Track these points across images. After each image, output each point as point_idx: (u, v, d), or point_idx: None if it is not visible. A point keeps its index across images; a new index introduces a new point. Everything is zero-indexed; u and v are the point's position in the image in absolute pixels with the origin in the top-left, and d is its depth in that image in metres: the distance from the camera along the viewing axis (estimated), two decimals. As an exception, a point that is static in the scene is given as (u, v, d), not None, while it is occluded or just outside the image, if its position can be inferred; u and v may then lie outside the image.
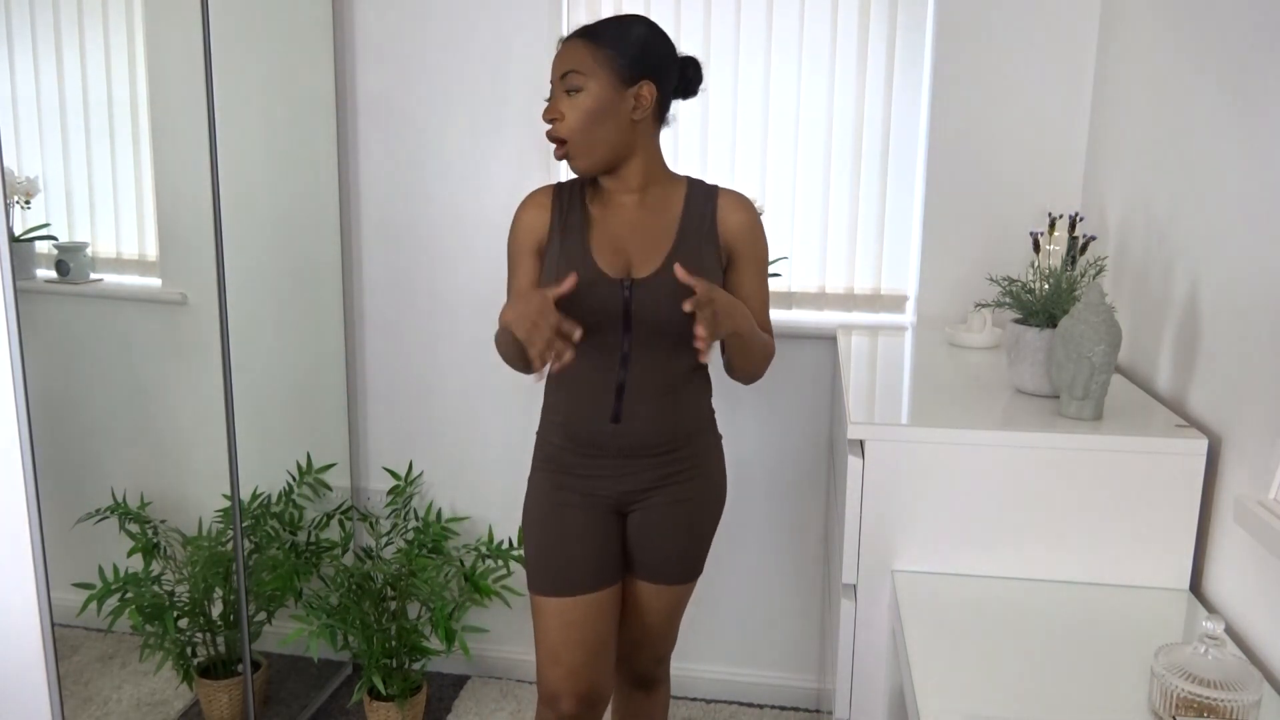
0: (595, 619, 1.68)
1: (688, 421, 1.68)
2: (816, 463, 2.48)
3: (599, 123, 1.54)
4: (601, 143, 1.55)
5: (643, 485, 1.67)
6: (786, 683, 2.60)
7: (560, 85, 1.54)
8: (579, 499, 1.68)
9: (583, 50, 1.53)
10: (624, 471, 1.66)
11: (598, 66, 1.52)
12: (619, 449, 1.64)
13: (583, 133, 1.54)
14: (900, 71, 2.34)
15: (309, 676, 2.60)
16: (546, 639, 1.69)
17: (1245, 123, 1.39)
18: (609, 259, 1.58)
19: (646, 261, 1.58)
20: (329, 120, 2.49)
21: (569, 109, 1.53)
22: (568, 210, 1.62)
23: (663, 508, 1.69)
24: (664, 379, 1.63)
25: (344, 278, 2.58)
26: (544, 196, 1.65)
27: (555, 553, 1.67)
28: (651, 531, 1.71)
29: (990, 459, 1.45)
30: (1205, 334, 1.49)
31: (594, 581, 1.67)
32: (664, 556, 1.73)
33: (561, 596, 1.67)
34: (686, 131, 2.44)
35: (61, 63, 2.12)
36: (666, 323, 1.56)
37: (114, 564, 2.17)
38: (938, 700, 1.14)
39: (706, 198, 1.64)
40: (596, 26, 1.56)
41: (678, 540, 1.72)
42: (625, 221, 1.61)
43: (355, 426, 2.67)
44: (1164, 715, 1.06)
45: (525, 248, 1.64)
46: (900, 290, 2.44)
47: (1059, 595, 1.43)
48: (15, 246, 1.61)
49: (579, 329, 1.45)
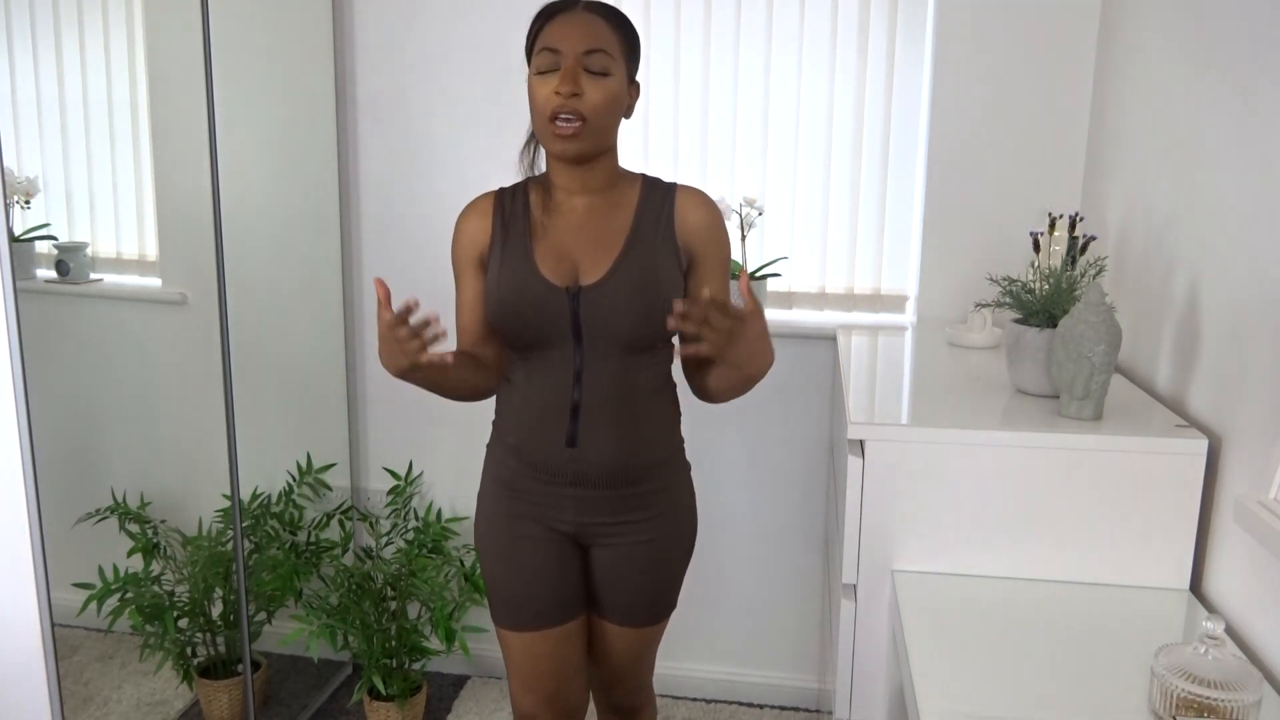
0: (564, 647, 1.60)
1: (652, 448, 1.54)
2: (816, 463, 2.48)
3: (612, 113, 1.43)
4: (609, 132, 1.45)
5: (603, 519, 1.54)
6: (786, 683, 2.60)
7: (581, 61, 1.39)
8: (536, 528, 1.55)
9: (609, 33, 1.42)
10: (582, 502, 1.53)
11: (620, 55, 1.43)
12: (575, 476, 1.51)
13: (600, 117, 1.40)
14: (900, 71, 2.34)
15: (309, 676, 2.60)
16: (516, 670, 1.61)
17: (1245, 123, 1.39)
18: (554, 266, 1.46)
19: (594, 267, 1.45)
20: (329, 120, 2.49)
21: (593, 89, 1.39)
22: (510, 217, 1.50)
23: (628, 549, 1.56)
24: (624, 398, 1.49)
25: (344, 278, 2.58)
26: (485, 204, 1.54)
27: (515, 587, 1.57)
28: (617, 575, 1.59)
29: (990, 459, 1.45)
30: (1205, 334, 1.49)
31: (558, 616, 1.58)
32: (632, 599, 1.61)
33: (526, 631, 1.57)
34: (686, 131, 2.44)
35: (61, 63, 2.12)
36: (620, 333, 1.45)
37: (114, 564, 2.17)
38: (938, 700, 1.14)
39: (663, 196, 1.51)
40: (612, 11, 1.45)
41: (645, 583, 1.60)
42: (572, 226, 1.49)
43: (355, 426, 2.67)
44: (1164, 715, 1.06)
45: (468, 260, 1.53)
46: (900, 290, 2.44)
47: (1059, 595, 1.43)
48: (15, 246, 1.61)
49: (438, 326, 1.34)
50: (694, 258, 1.51)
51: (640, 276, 1.45)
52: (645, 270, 1.45)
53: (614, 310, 1.44)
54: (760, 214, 2.38)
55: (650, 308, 1.44)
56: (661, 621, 1.66)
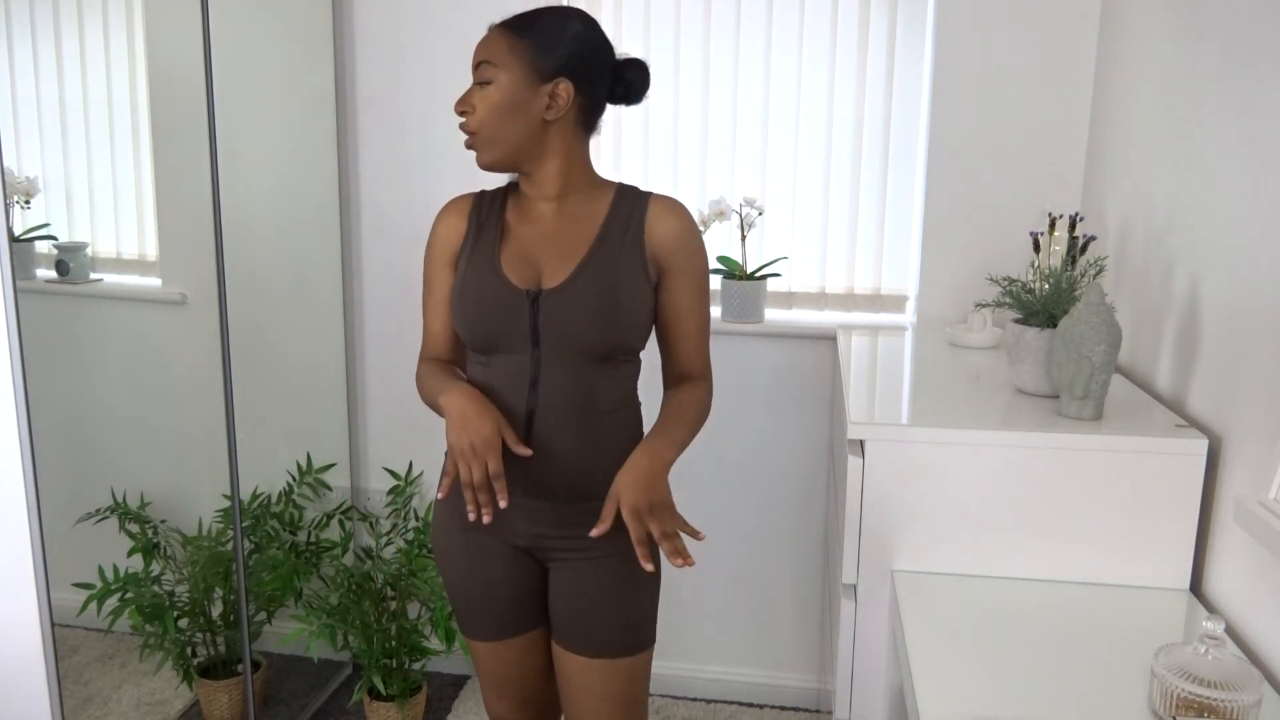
0: (531, 654, 1.59)
1: (612, 462, 1.43)
2: (816, 463, 2.48)
3: (507, 118, 1.42)
4: (506, 139, 1.43)
5: (558, 533, 1.48)
6: (786, 683, 2.60)
7: (474, 77, 1.45)
8: (491, 540, 1.52)
9: (500, 41, 1.43)
10: (535, 513, 1.48)
11: (513, 59, 1.41)
12: (528, 486, 1.45)
13: (490, 127, 1.42)
14: (900, 71, 2.34)
15: (309, 676, 2.60)
16: (487, 676, 1.61)
17: (1245, 123, 1.39)
18: (518, 269, 1.44)
19: (556, 271, 1.43)
20: (329, 120, 2.49)
21: (479, 101, 1.43)
22: (485, 219, 1.50)
23: (585, 566, 1.48)
24: (581, 407, 1.44)
25: (344, 278, 2.58)
26: (463, 204, 1.53)
27: (474, 598, 1.55)
28: (575, 595, 1.50)
29: (990, 459, 1.45)
30: (1205, 334, 1.49)
31: (519, 624, 1.56)
32: (592, 625, 1.49)
33: (490, 641, 1.57)
34: (687, 131, 2.44)
35: (61, 63, 2.12)
36: (578, 339, 1.42)
37: (114, 564, 2.17)
38: (938, 700, 1.14)
39: (635, 205, 1.47)
40: (522, 17, 1.45)
41: (606, 607, 1.49)
42: (540, 231, 1.47)
43: (355, 426, 2.67)
44: (1164, 715, 1.06)
45: (441, 258, 1.52)
46: (900, 290, 2.44)
47: (1059, 595, 1.43)
48: (15, 246, 1.61)
49: (505, 498, 1.38)
50: (664, 269, 1.47)
51: (601, 284, 1.42)
52: (607, 278, 1.42)
53: (573, 316, 1.41)
54: (760, 214, 2.38)
55: (610, 316, 1.42)
56: (634, 656, 1.51)
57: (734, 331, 2.40)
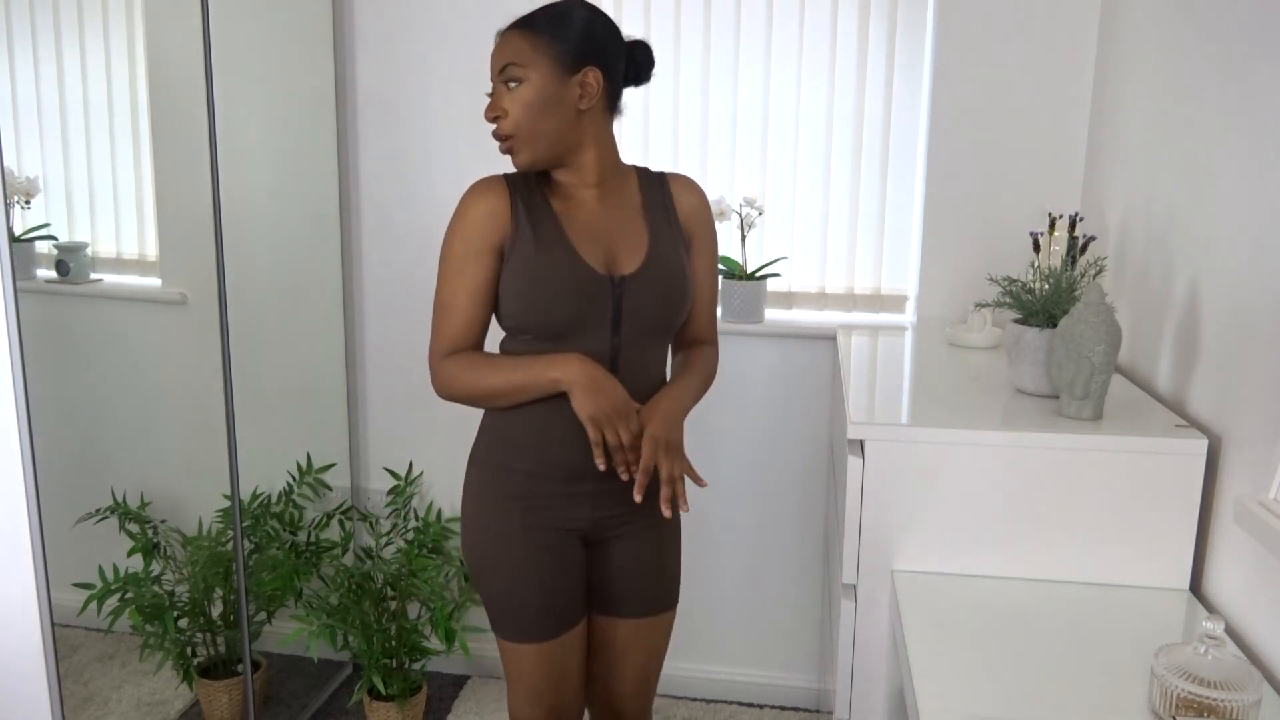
0: (575, 653, 1.61)
1: None
2: (816, 463, 2.48)
3: (543, 114, 1.44)
4: (545, 135, 1.45)
5: (619, 510, 1.56)
6: (786, 683, 2.60)
7: (499, 80, 1.45)
8: (549, 535, 1.54)
9: (520, 41, 1.44)
10: (599, 496, 1.53)
11: (538, 56, 1.42)
12: (603, 470, 1.48)
13: (527, 126, 1.44)
14: (900, 71, 2.34)
15: (309, 676, 2.60)
16: (524, 682, 1.59)
17: (1245, 123, 1.39)
18: (592, 254, 1.47)
19: (630, 257, 1.49)
20: (329, 120, 2.49)
21: (511, 103, 1.44)
22: (528, 203, 1.48)
23: (641, 533, 1.60)
24: (649, 382, 1.53)
25: (344, 278, 2.58)
26: (497, 186, 1.49)
27: (531, 598, 1.55)
28: (629, 564, 1.60)
29: (990, 459, 1.45)
30: (1205, 334, 1.49)
31: (573, 616, 1.59)
32: (642, 587, 1.63)
33: (541, 642, 1.56)
34: (687, 131, 2.44)
35: (61, 63, 2.12)
36: (653, 320, 1.50)
37: (114, 564, 2.17)
38: (938, 700, 1.14)
39: (659, 185, 1.57)
40: (532, 15, 1.46)
41: (654, 569, 1.63)
42: (595, 216, 1.50)
43: (355, 426, 2.67)
44: (1164, 715, 1.06)
45: (481, 245, 1.47)
46: (900, 290, 2.44)
47: (1059, 595, 1.43)
48: (15, 246, 1.61)
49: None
50: (690, 240, 1.58)
51: (669, 266, 1.52)
52: (672, 259, 1.52)
53: (650, 298, 1.49)
54: (760, 214, 2.38)
55: (680, 295, 1.53)
56: (671, 610, 1.68)
57: (734, 331, 2.40)
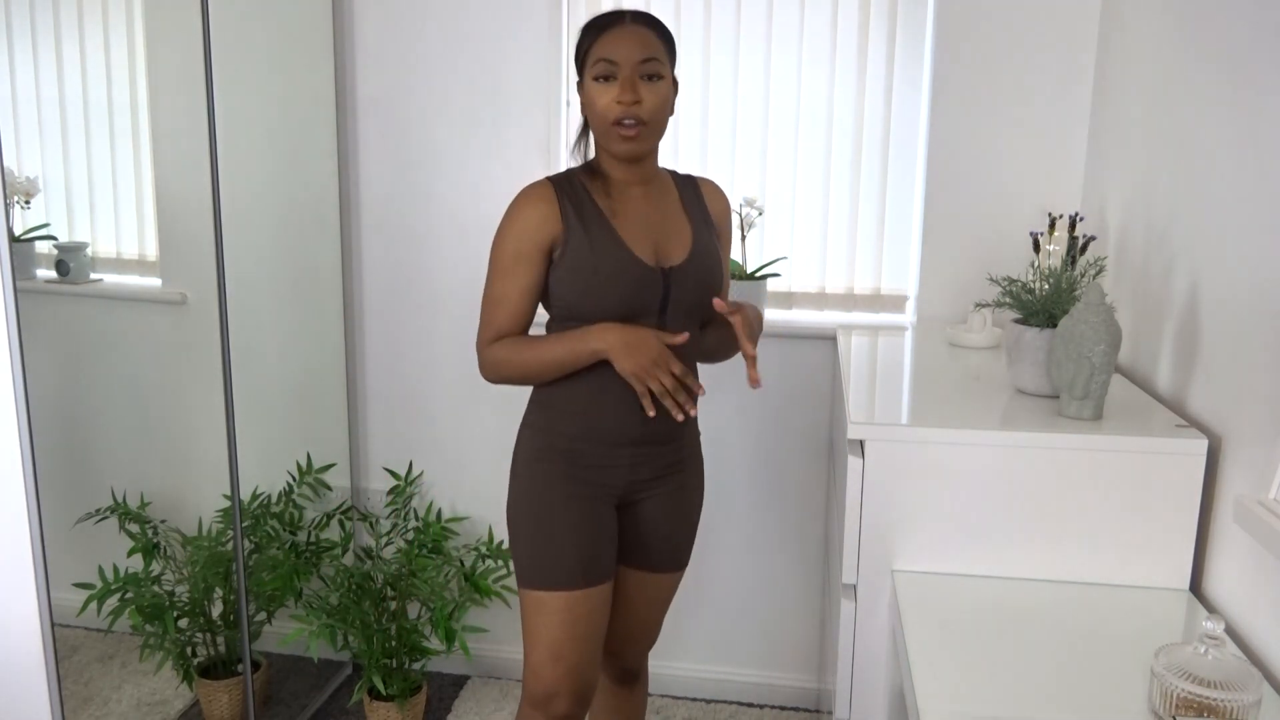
0: (600, 611, 1.68)
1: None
2: (816, 463, 2.48)
3: (667, 111, 1.60)
4: (663, 130, 1.62)
5: (652, 474, 1.69)
6: (786, 683, 2.60)
7: (638, 70, 1.54)
8: (589, 489, 1.66)
9: (655, 40, 1.57)
10: (638, 460, 1.67)
11: (668, 57, 1.59)
12: (641, 437, 1.65)
13: (659, 119, 1.58)
14: (900, 71, 2.34)
15: (309, 676, 2.60)
16: (547, 635, 1.65)
17: (1245, 123, 1.39)
18: (642, 248, 1.60)
19: (676, 248, 1.63)
20: (329, 120, 2.49)
21: (649, 94, 1.55)
22: (577, 204, 1.60)
23: (667, 495, 1.73)
24: (688, 363, 1.66)
25: (344, 278, 2.58)
26: (546, 191, 1.60)
27: (565, 545, 1.64)
28: (657, 523, 1.74)
29: (990, 459, 1.45)
30: (1205, 334, 1.49)
31: (603, 571, 1.67)
32: (665, 544, 1.77)
33: (572, 590, 1.63)
34: (686, 131, 2.44)
35: (61, 63, 2.12)
36: (696, 308, 1.64)
37: (114, 564, 2.17)
38: (938, 700, 1.14)
39: (691, 185, 1.73)
40: (650, 18, 1.61)
41: (677, 528, 1.77)
42: (641, 211, 1.63)
43: (355, 426, 2.67)
44: (1164, 715, 1.06)
45: (532, 248, 1.58)
46: (900, 290, 2.44)
47: (1059, 595, 1.43)
48: (15, 246, 1.61)
49: (700, 388, 1.58)
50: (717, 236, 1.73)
51: (710, 257, 1.67)
52: (712, 251, 1.67)
53: (694, 286, 1.63)
54: (760, 214, 2.38)
55: (717, 283, 1.67)
56: (680, 571, 1.83)
57: (734, 331, 2.40)
